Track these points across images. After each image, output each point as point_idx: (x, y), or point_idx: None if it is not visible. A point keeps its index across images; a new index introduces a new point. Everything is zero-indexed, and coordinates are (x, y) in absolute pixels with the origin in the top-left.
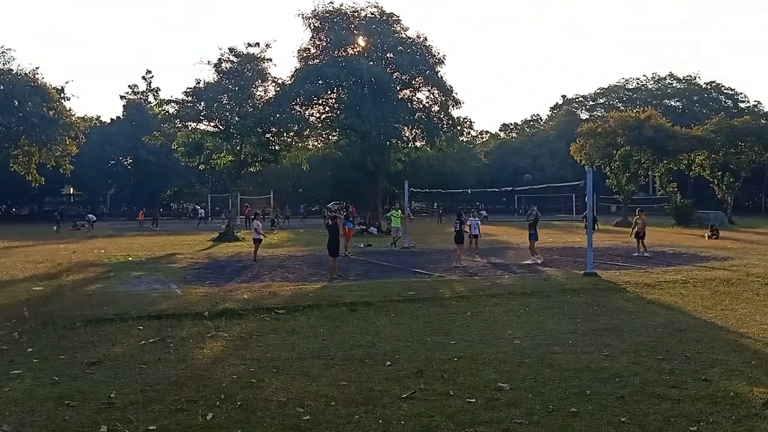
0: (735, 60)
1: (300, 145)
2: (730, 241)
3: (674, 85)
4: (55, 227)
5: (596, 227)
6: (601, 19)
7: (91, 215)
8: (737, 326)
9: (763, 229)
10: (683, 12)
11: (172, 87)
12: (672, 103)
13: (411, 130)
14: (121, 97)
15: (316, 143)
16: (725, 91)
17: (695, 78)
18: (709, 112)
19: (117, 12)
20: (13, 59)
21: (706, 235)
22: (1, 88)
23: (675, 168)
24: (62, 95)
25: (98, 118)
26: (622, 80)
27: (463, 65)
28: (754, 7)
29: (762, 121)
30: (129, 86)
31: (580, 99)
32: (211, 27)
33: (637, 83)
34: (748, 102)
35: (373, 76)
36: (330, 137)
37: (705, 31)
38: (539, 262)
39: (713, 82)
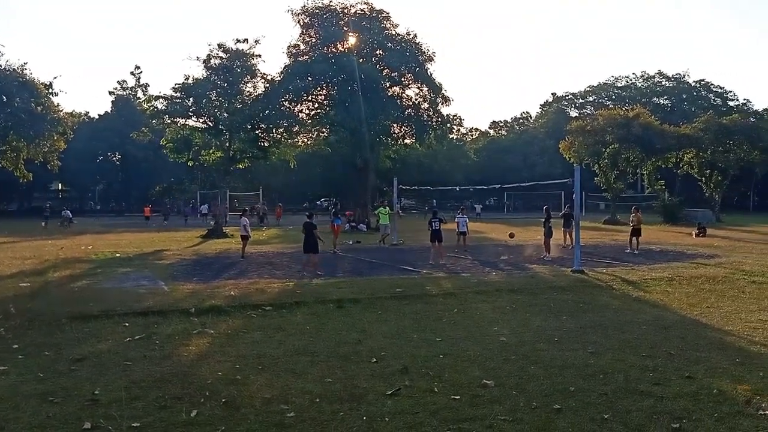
0: (724, 58)
1: (289, 141)
2: (717, 239)
3: (663, 83)
4: (43, 223)
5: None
6: (591, 18)
7: (67, 211)
8: (722, 324)
9: (750, 227)
10: (673, 10)
11: (161, 83)
12: (661, 101)
13: (400, 127)
14: (110, 93)
15: (305, 140)
16: (714, 89)
17: (684, 76)
18: (697, 110)
19: (106, 7)
20: (1, 54)
21: (693, 232)
22: None
23: (663, 166)
24: (50, 91)
25: (86, 113)
26: (612, 78)
27: (453, 63)
28: (744, 6)
29: (750, 119)
30: (118, 82)
31: (570, 97)
32: (200, 23)
33: (627, 81)
34: (737, 100)
35: (363, 73)
36: (319, 134)
37: (694, 29)
38: (547, 257)
39: (702, 80)
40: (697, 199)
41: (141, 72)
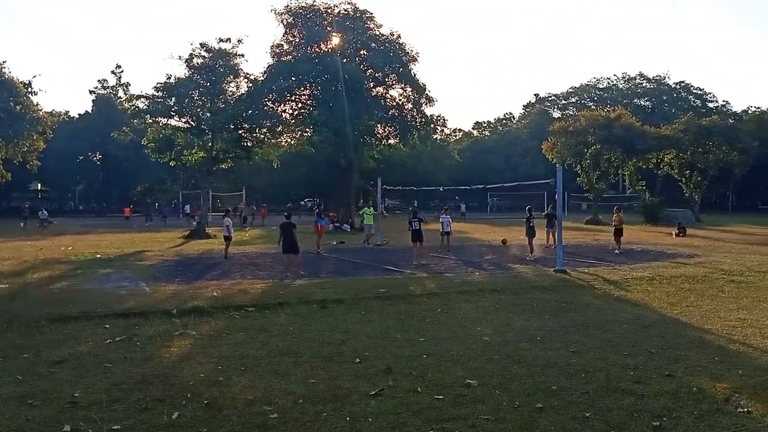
0: (704, 60)
1: (272, 141)
2: (697, 239)
3: (644, 84)
4: (22, 224)
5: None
6: (574, 19)
7: (44, 211)
8: (701, 322)
9: (729, 227)
10: (653, 12)
11: (143, 82)
12: (642, 102)
13: (384, 127)
14: (91, 92)
15: (288, 140)
16: (694, 90)
17: (665, 78)
18: (678, 111)
19: (87, 5)
20: None
21: (673, 232)
22: None
23: (644, 167)
24: (29, 90)
25: (66, 113)
26: (594, 79)
27: (437, 63)
28: (722, 9)
29: (730, 120)
30: (98, 81)
31: (553, 98)
32: (182, 22)
33: (608, 83)
34: (717, 102)
35: (346, 73)
36: (303, 134)
37: (675, 31)
38: (530, 257)
39: (682, 81)
40: (677, 199)
41: (122, 71)
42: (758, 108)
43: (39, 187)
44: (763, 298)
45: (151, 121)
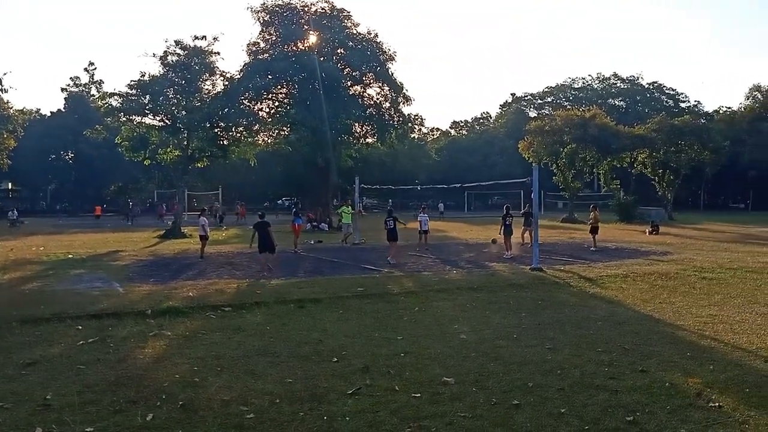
0: (676, 61)
1: (249, 140)
2: (670, 237)
3: (618, 84)
4: None
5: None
6: (552, 19)
7: (14, 211)
8: (674, 319)
9: (701, 225)
10: (628, 13)
11: (117, 80)
12: (616, 102)
13: (362, 126)
14: (62, 90)
15: (265, 138)
16: (667, 91)
17: (638, 78)
18: (651, 111)
19: (60, 1)
20: None
21: (646, 230)
22: None
23: (618, 165)
24: (0, 87)
25: (38, 110)
26: (569, 79)
27: (414, 62)
28: (697, 10)
29: (701, 120)
30: (71, 78)
31: (529, 97)
32: (157, 19)
33: (583, 83)
34: (689, 102)
35: (324, 72)
36: (280, 132)
37: (648, 31)
38: (507, 255)
39: (655, 82)
40: (650, 197)
41: (95, 68)
42: (729, 108)
43: (9, 187)
44: (733, 295)
45: (124, 119)
